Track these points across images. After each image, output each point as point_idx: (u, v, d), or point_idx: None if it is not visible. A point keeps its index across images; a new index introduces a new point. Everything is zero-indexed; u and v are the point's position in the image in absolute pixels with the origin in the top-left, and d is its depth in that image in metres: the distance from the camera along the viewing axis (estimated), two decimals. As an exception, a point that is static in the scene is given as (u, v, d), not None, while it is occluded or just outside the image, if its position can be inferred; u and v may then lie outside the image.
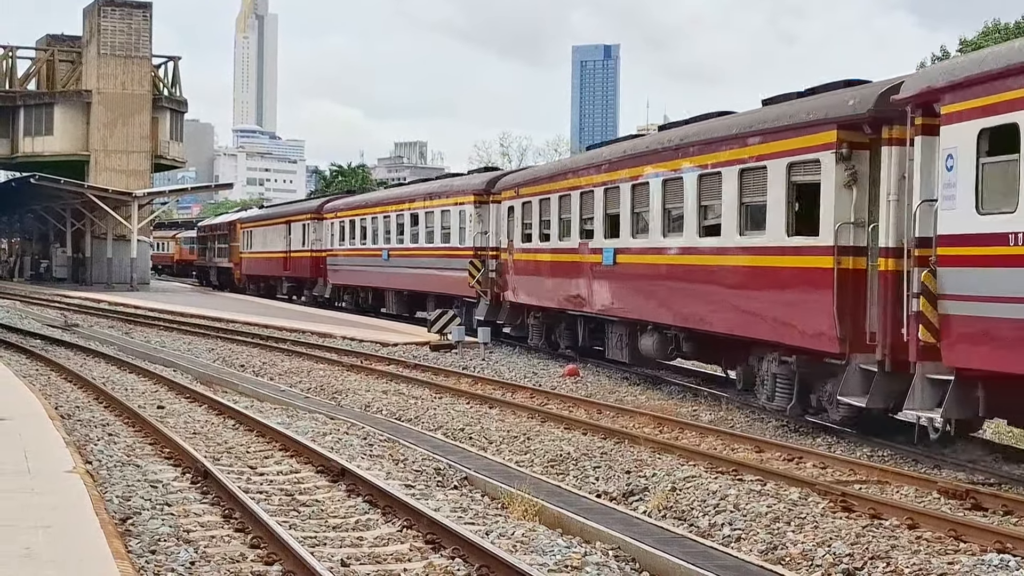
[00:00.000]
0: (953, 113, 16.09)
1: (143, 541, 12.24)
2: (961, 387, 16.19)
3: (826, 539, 13.10)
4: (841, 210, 19.08)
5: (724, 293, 22.87)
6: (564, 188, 31.89)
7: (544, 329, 35.02)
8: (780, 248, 20.88)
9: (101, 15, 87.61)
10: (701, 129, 24.59)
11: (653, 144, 27.01)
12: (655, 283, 26.18)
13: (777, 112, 21.70)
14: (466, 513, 14.21)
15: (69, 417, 21.22)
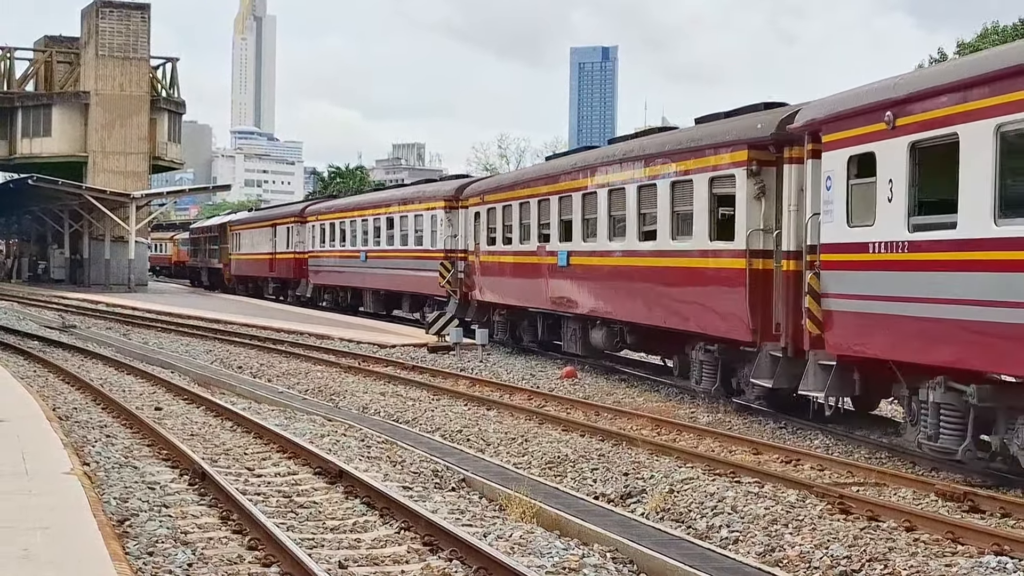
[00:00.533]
0: (830, 141, 19.16)
1: (141, 542, 12.24)
2: (842, 370, 19.14)
3: (824, 541, 13.11)
4: (752, 218, 21.95)
5: (660, 291, 25.77)
6: (524, 196, 34.66)
7: (508, 325, 37.45)
8: (704, 251, 23.80)
9: (99, 16, 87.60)
10: (641, 145, 27.56)
11: (600, 158, 30.08)
12: (603, 282, 28.99)
13: (702, 132, 24.65)
14: (464, 515, 14.22)
15: (67, 418, 21.22)
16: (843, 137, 18.81)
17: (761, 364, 21.77)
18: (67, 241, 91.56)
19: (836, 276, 19.08)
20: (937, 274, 16.51)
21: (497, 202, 37.16)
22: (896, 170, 17.35)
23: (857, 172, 18.50)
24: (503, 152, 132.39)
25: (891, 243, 17.52)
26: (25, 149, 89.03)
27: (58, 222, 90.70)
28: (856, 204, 18.46)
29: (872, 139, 17.93)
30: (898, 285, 17.42)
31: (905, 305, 17.16)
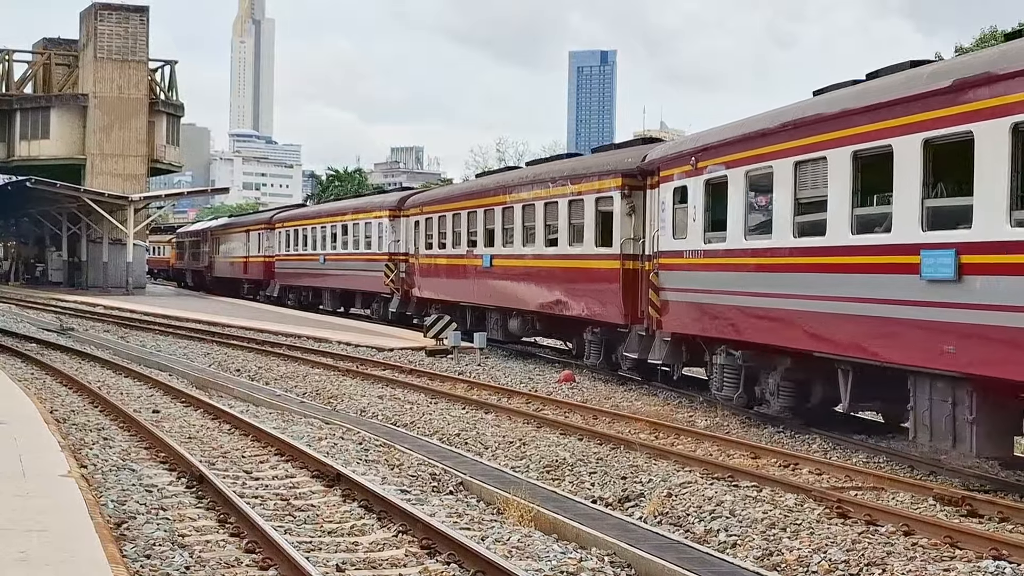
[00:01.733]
0: (665, 176, 26.00)
1: (138, 546, 12.22)
2: (674, 344, 25.86)
3: (822, 545, 13.10)
4: (624, 230, 28.37)
5: (562, 287, 31.98)
6: (456, 208, 41.09)
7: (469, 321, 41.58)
8: (591, 255, 29.99)
9: (98, 19, 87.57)
10: (548, 169, 34.49)
11: (517, 179, 36.36)
12: (518, 280, 35.04)
13: (592, 161, 32.00)
14: (462, 518, 14.21)
15: (64, 421, 21.20)
16: (671, 173, 25.60)
17: (631, 341, 28.25)
18: (65, 243, 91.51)
19: (667, 275, 25.68)
20: (718, 273, 23.30)
21: (434, 212, 43.80)
22: (698, 199, 24.08)
23: (678, 200, 25.08)
24: (501, 155, 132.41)
25: (695, 251, 24.28)
26: (23, 151, 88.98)
27: (56, 224, 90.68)
28: (678, 222, 25.10)
29: (686, 176, 24.71)
30: (699, 281, 24.12)
31: (703, 295, 23.92)
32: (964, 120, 15.93)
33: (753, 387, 22.90)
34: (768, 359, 22.16)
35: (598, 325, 30.35)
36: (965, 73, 16.05)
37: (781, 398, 21.86)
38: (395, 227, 48.32)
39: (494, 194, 37.22)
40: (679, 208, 24.97)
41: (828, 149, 19.18)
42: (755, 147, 21.69)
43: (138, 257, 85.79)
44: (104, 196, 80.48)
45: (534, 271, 33.67)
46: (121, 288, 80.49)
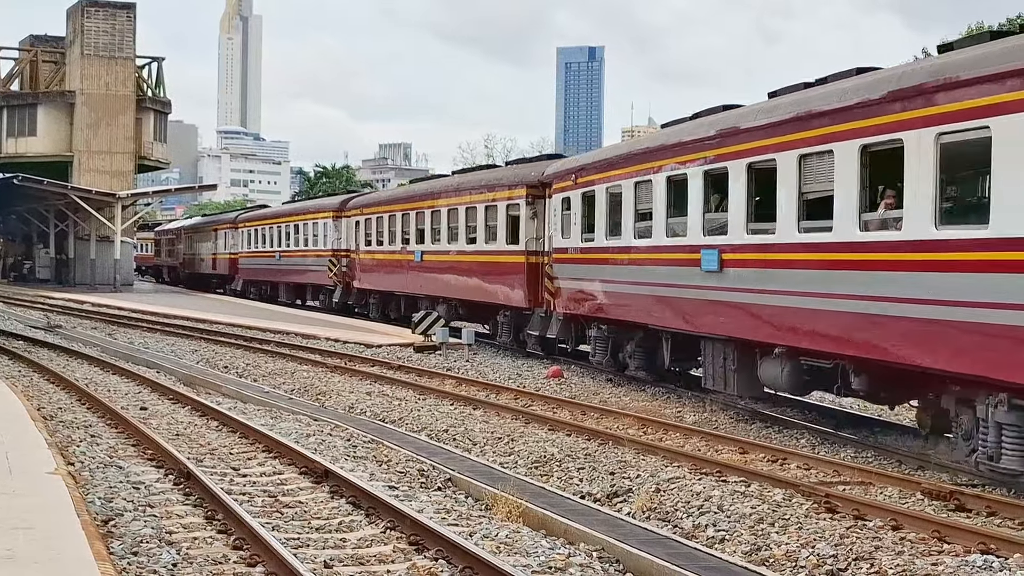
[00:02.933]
0: (557, 188, 32.21)
1: (125, 543, 12.19)
2: (566, 323, 31.96)
3: (810, 540, 13.10)
4: (529, 231, 34.52)
5: (479, 278, 37.99)
6: (392, 210, 47.88)
7: (380, 306, 50.38)
8: (503, 251, 36.10)
9: (85, 15, 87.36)
10: (470, 178, 41.28)
11: (444, 186, 43.06)
12: (444, 273, 41.22)
13: (504, 172, 38.79)
14: (450, 514, 14.19)
15: (51, 418, 21.15)
16: (561, 186, 31.84)
17: (533, 321, 34.16)
18: (52, 241, 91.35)
19: (558, 267, 31.98)
20: (590, 266, 29.58)
21: (372, 214, 50.54)
22: (577, 208, 30.33)
23: (565, 207, 31.30)
24: (489, 152, 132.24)
25: (576, 248, 30.47)
26: (10, 149, 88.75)
27: (43, 222, 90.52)
28: (565, 225, 31.27)
29: (570, 189, 30.98)
30: (579, 272, 30.40)
31: (582, 283, 30.17)
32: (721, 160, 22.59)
33: (618, 353, 29.28)
34: (626, 331, 28.44)
35: (508, 309, 36.53)
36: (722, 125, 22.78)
37: (635, 360, 28.26)
38: (338, 227, 54.51)
39: (424, 199, 44.14)
40: (566, 214, 31.24)
41: (653, 174, 25.61)
42: (611, 170, 28.33)
43: (125, 254, 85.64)
44: (91, 193, 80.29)
45: (457, 265, 40.00)
46: (108, 285, 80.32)
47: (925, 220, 16.41)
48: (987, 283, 15.22)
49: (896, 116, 17.07)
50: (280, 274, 65.11)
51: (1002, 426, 15.54)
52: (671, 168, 24.53)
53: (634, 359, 28.17)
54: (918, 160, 16.50)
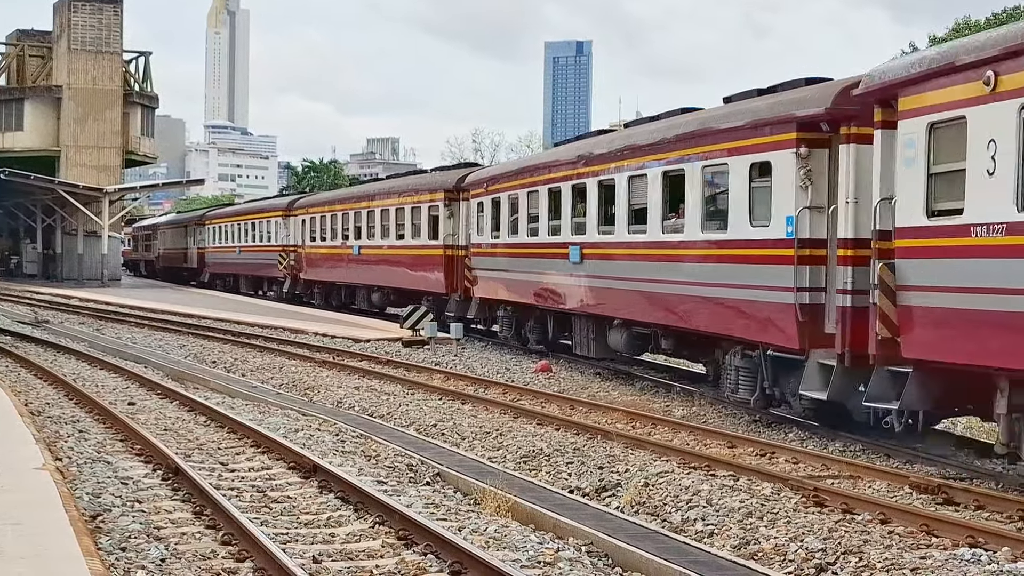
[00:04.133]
0: (473, 194, 38.33)
1: (113, 538, 12.17)
2: (480, 306, 38.00)
3: (799, 534, 13.12)
4: (446, 229, 41.07)
5: (407, 269, 44.64)
6: (333, 210, 54.76)
7: (324, 295, 56.86)
8: (425, 246, 42.87)
9: (71, 10, 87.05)
10: (399, 183, 48.65)
11: (377, 189, 51.66)
12: (378, 265, 47.85)
13: (428, 178, 45.82)
14: (439, 509, 14.19)
15: (39, 414, 21.11)
16: (476, 192, 37.89)
17: (451, 305, 40.75)
18: (40, 236, 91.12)
19: (475, 260, 37.65)
20: (497, 258, 35.49)
21: (317, 213, 57.09)
22: (487, 210, 36.48)
23: (479, 210, 37.27)
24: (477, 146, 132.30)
25: (488, 243, 36.44)
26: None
27: (31, 217, 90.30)
28: (479, 225, 37.47)
29: (482, 196, 37.24)
30: (490, 264, 36.27)
31: (493, 273, 35.91)
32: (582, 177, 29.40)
33: (520, 330, 35.13)
34: (525, 312, 34.45)
35: (430, 295, 42.58)
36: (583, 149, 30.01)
37: (533, 334, 34.10)
38: (287, 224, 61.23)
39: (362, 200, 51.34)
40: (480, 215, 37.37)
41: (539, 186, 32.30)
42: (511, 180, 34.85)
43: (113, 249, 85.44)
44: (79, 188, 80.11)
45: (389, 258, 46.51)
46: (96, 280, 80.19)
47: (695, 226, 23.42)
48: (724, 271, 22.23)
49: (681, 151, 23.96)
50: (240, 267, 71.99)
51: (739, 369, 21.99)
52: (550, 182, 31.50)
53: (533, 334, 34.12)
54: (691, 184, 23.44)
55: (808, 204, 19.67)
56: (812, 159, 19.70)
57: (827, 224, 19.53)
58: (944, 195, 16.15)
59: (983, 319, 15.20)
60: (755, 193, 21.29)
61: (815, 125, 19.63)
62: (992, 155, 14.93)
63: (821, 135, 19.64)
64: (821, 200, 19.62)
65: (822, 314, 19.52)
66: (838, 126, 19.08)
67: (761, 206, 21.07)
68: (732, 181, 21.97)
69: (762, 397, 21.47)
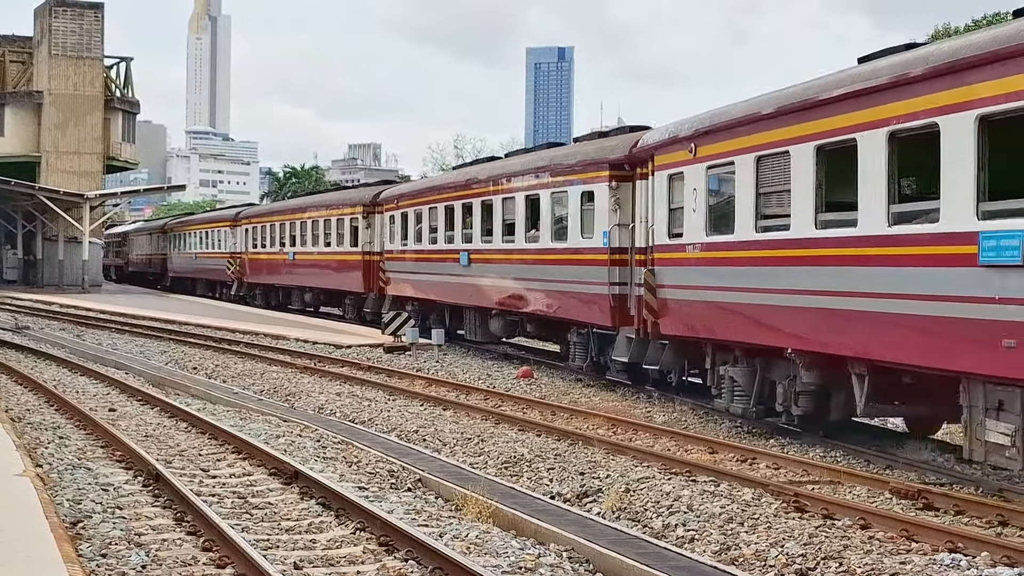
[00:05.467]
0: (388, 207, 44.26)
1: (94, 544, 12.15)
2: (396, 302, 42.67)
3: (779, 539, 13.15)
4: (364, 237, 47.10)
5: (332, 272, 51.12)
6: (272, 220, 61.93)
7: (265, 296, 63.17)
8: (347, 252, 49.03)
9: (52, 15, 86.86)
10: (326, 197, 56.57)
11: (309, 202, 58.83)
12: (310, 268, 54.43)
13: (349, 194, 53.20)
14: (420, 515, 14.19)
15: (19, 420, 21.06)
16: (391, 205, 44.11)
17: (368, 302, 46.88)
18: (20, 242, 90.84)
19: (390, 263, 43.64)
20: (406, 262, 41.57)
21: (258, 223, 64.14)
22: (398, 221, 42.92)
23: (392, 221, 43.81)
24: (459, 152, 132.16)
25: (401, 250, 42.30)
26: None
27: (11, 222, 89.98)
28: (392, 233, 43.70)
29: (394, 209, 43.47)
30: (401, 266, 42.18)
31: (405, 274, 41.77)
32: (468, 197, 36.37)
33: (425, 321, 40.05)
34: (428, 306, 40.53)
35: (351, 295, 49.76)
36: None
37: (435, 326, 39.18)
38: (234, 233, 67.64)
39: (296, 212, 58.38)
40: (391, 226, 43.84)
41: (437, 203, 38.92)
42: (415, 198, 41.78)
43: (94, 255, 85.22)
44: (59, 194, 79.86)
45: (318, 262, 52.85)
46: (77, 286, 79.99)
47: (547, 237, 30.40)
48: (566, 271, 29.13)
49: (537, 181, 31.17)
50: (198, 272, 78.67)
51: (577, 344, 29.70)
52: (445, 200, 38.20)
53: (434, 324, 39.52)
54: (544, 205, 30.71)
55: (618, 222, 26.75)
56: (620, 190, 26.79)
57: (629, 237, 26.46)
58: (675, 223, 23.54)
59: (695, 307, 22.84)
60: (584, 213, 28.21)
61: (621, 166, 26.78)
62: (695, 198, 22.47)
63: (626, 173, 26.76)
64: (626, 219, 26.65)
65: (627, 301, 26.43)
66: (635, 168, 26.30)
67: (588, 223, 28.00)
68: (570, 204, 29.07)
69: (592, 364, 28.99)
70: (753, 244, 20.46)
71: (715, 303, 21.76)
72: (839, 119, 17.78)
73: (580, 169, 28.54)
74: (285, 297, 59.71)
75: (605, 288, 26.88)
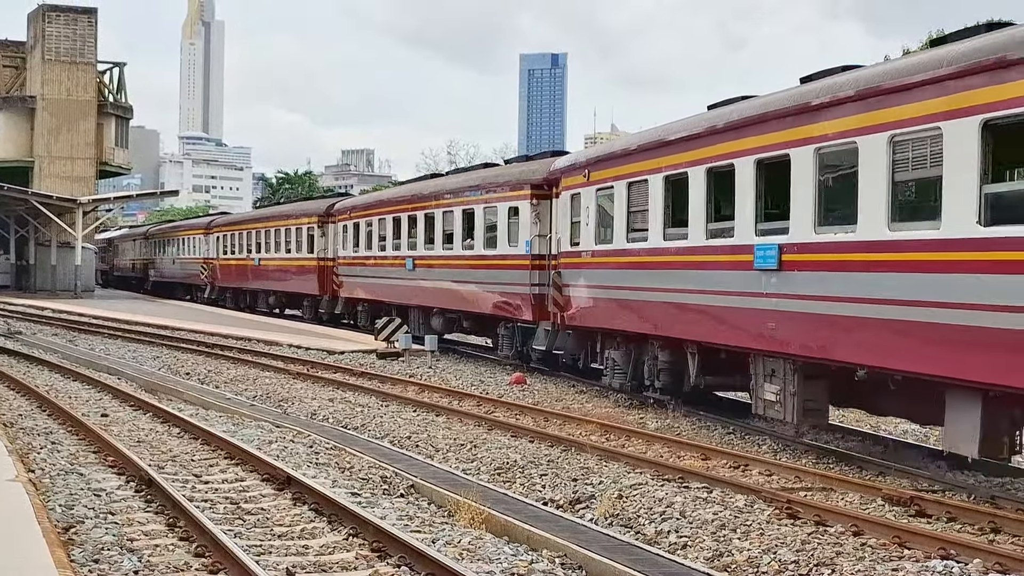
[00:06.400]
0: (339, 219, 50.27)
1: (86, 550, 12.14)
2: (347, 303, 49.07)
3: (772, 546, 13.16)
4: (319, 245, 51.53)
5: (292, 276, 55.78)
6: (241, 228, 66.72)
7: (235, 298, 67.51)
8: (305, 258, 53.65)
9: (46, 20, 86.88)
10: (286, 208, 62.71)
11: (271, 212, 64.55)
12: (273, 272, 59.35)
13: (306, 206, 59.26)
14: (412, 521, 14.19)
15: (12, 425, 21.04)
16: (343, 217, 48.91)
17: (323, 303, 51.83)
18: (13, 246, 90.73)
19: (342, 268, 48.19)
20: (354, 267, 46.83)
21: (228, 231, 69.12)
22: (350, 232, 47.75)
23: (344, 231, 48.50)
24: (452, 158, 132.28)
25: (350, 256, 47.28)
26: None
27: (3, 227, 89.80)
28: (344, 241, 48.30)
29: (347, 220, 48.39)
30: (351, 271, 47.20)
31: (354, 277, 46.75)
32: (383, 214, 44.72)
33: (374, 321, 41.95)
34: (376, 306, 44.77)
35: (309, 297, 54.68)
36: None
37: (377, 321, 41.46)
38: (207, 241, 72.79)
39: (260, 221, 63.85)
40: (344, 235, 48.66)
41: (385, 215, 43.95)
42: (366, 210, 46.91)
43: (87, 260, 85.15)
44: (52, 199, 79.81)
45: (280, 267, 58.09)
46: (69, 291, 79.95)
47: (480, 245, 34.92)
48: (496, 275, 33.58)
49: (471, 197, 36.01)
50: (176, 276, 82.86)
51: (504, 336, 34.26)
52: (393, 212, 43.16)
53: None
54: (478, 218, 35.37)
55: (538, 233, 31.52)
56: (539, 206, 31.62)
57: (547, 245, 31.14)
58: (575, 234, 28.28)
59: (588, 303, 27.69)
60: (511, 226, 32.90)
61: (541, 186, 31.62)
62: (588, 214, 27.35)
63: (544, 192, 31.49)
64: (545, 231, 31.42)
65: (545, 300, 30.78)
66: (551, 188, 30.96)
67: (514, 234, 32.76)
68: (500, 217, 33.59)
69: (517, 353, 33.44)
70: (624, 252, 25.52)
71: (601, 299, 26.96)
72: (678, 157, 22.83)
73: (508, 188, 33.40)
74: (252, 299, 64.42)
75: (527, 289, 31.65)
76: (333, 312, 50.41)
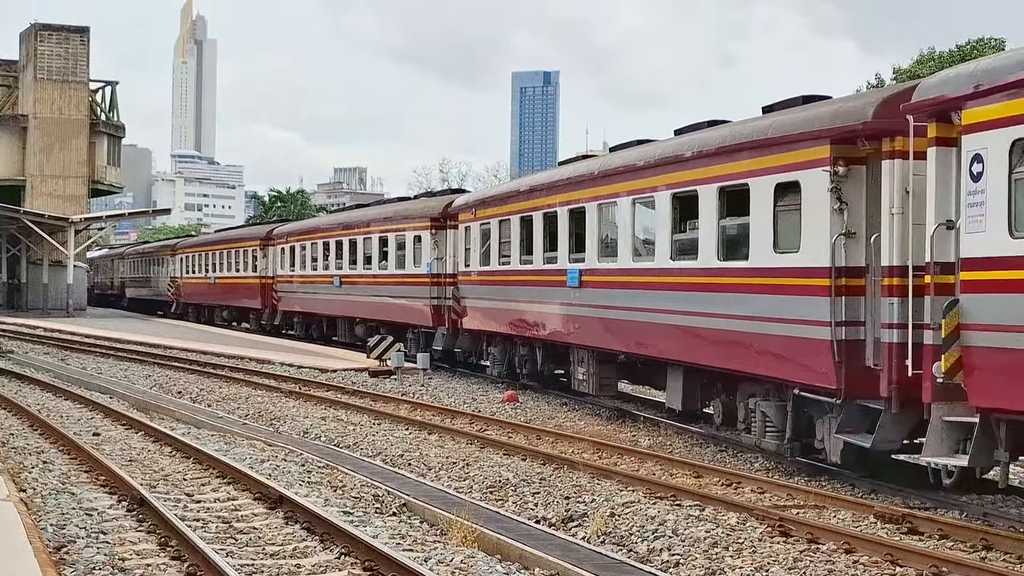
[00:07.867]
0: (278, 241, 59.02)
1: (78, 570, 12.13)
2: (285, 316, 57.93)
3: (764, 564, 13.17)
4: (262, 265, 59.79)
5: (241, 292, 63.72)
6: (200, 250, 74.02)
7: (199, 314, 73.92)
8: (250, 276, 61.37)
9: (38, 39, 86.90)
10: (238, 232, 72.61)
11: (227, 236, 71.82)
12: (226, 290, 66.94)
13: (252, 230, 70.92)
14: (405, 540, 14.18)
15: (3, 444, 21.02)
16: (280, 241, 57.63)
17: (264, 315, 59.92)
18: (4, 265, 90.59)
19: (280, 285, 57.01)
20: (291, 284, 55.59)
21: (189, 252, 76.67)
22: (287, 253, 56.20)
23: (283, 253, 56.56)
24: (444, 176, 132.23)
25: (289, 275, 55.79)
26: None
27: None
28: (282, 262, 56.55)
29: (283, 244, 57.18)
30: (287, 287, 56.13)
31: (290, 293, 55.65)
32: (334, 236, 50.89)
33: (308, 330, 51.77)
34: (310, 318, 53.19)
35: (252, 310, 62.52)
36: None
37: (316, 333, 50.69)
38: (174, 261, 79.96)
39: (216, 244, 71.04)
40: (283, 255, 56.16)
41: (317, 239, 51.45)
42: (302, 234, 54.42)
43: (78, 279, 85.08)
44: (44, 217, 79.71)
45: (231, 285, 65.59)
46: (61, 310, 79.86)
47: (392, 265, 42.37)
48: (403, 290, 41.19)
49: (383, 226, 44.12)
50: (148, 293, 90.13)
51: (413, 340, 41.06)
52: (323, 237, 50.84)
53: (315, 332, 51.65)
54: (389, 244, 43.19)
55: (436, 256, 38.91)
56: (438, 235, 39.00)
57: (443, 266, 38.50)
58: (467, 258, 36.11)
59: (477, 311, 35.14)
60: (416, 250, 40.47)
61: (438, 219, 39.11)
62: (475, 243, 35.18)
63: (441, 223, 38.93)
64: (442, 254, 38.79)
65: (442, 310, 38.48)
66: (447, 220, 38.69)
67: (418, 256, 40.27)
68: (407, 243, 41.26)
69: (421, 349, 39.25)
70: (497, 272, 33.46)
71: (485, 308, 34.50)
72: (527, 203, 31.09)
73: (413, 219, 41.30)
74: (209, 314, 72.21)
75: (428, 301, 39.12)
76: (274, 323, 58.88)
